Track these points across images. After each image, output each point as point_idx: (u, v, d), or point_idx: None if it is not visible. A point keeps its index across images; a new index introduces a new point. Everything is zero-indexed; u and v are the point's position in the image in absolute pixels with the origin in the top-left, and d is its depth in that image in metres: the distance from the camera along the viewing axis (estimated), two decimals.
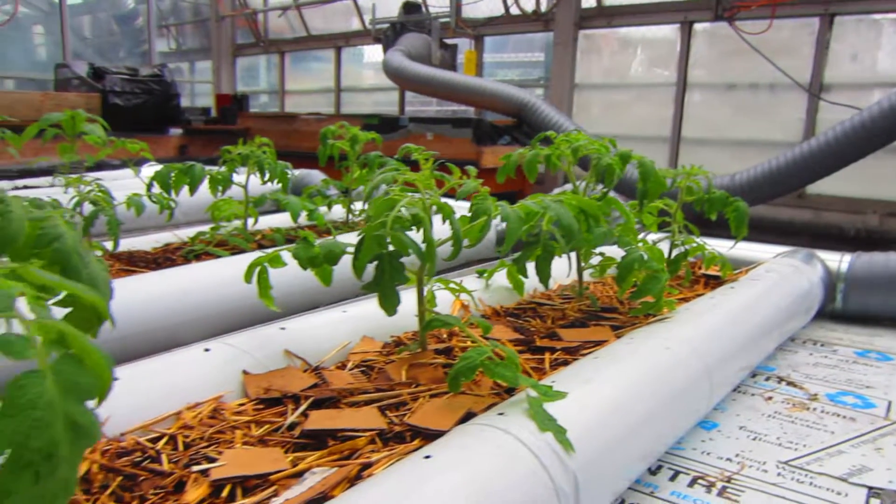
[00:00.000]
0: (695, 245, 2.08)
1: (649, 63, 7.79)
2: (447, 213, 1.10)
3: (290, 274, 1.34)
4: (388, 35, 7.56)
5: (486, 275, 1.90)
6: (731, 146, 6.82)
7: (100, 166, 4.59)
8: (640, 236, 1.83)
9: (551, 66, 7.77)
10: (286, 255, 1.30)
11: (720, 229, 2.51)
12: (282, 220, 3.05)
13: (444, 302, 1.72)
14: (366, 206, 1.23)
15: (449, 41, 7.76)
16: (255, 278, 1.27)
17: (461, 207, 1.42)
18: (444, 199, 1.21)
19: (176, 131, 6.78)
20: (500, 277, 1.97)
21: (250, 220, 2.64)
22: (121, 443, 1.02)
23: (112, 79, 6.40)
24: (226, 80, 9.79)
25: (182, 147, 6.69)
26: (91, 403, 0.59)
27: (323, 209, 2.86)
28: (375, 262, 1.10)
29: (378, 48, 8.51)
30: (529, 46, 8.61)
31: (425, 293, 1.30)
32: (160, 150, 4.44)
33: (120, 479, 0.92)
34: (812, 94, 6.22)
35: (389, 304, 1.13)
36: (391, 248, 1.09)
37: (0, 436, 0.49)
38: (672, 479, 1.39)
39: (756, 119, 6.78)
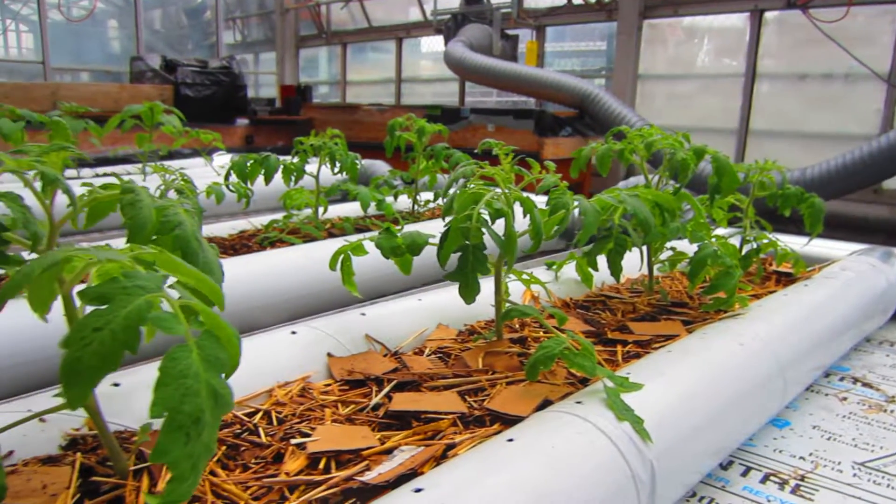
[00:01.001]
0: (766, 241, 2.05)
1: (716, 53, 7.58)
2: (529, 208, 1.13)
3: (361, 262, 1.40)
4: (449, 26, 7.59)
5: (555, 267, 1.92)
6: (802, 139, 6.59)
7: (171, 155, 4.77)
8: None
9: (614, 56, 7.65)
10: (368, 245, 1.35)
11: (790, 225, 2.46)
12: (349, 209, 3.13)
13: (515, 292, 1.75)
14: (442, 198, 1.27)
15: (510, 32, 7.74)
16: (339, 266, 1.33)
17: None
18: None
19: (242, 121, 6.99)
20: (568, 270, 1.99)
21: (320, 209, 2.73)
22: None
23: (183, 71, 6.65)
24: (289, 72, 10.02)
25: (248, 137, 6.90)
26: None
27: (390, 199, 2.92)
28: (459, 253, 1.14)
29: (437, 39, 8.56)
30: (590, 35, 8.49)
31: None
32: (227, 140, 4.61)
33: (224, 448, 1.00)
34: (891, 84, 5.95)
35: (470, 293, 1.17)
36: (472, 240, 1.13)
37: (159, 401, 0.56)
38: (744, 474, 1.39)
39: (829, 111, 6.53)
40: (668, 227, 1.52)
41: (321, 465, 0.96)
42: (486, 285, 1.45)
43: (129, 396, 1.09)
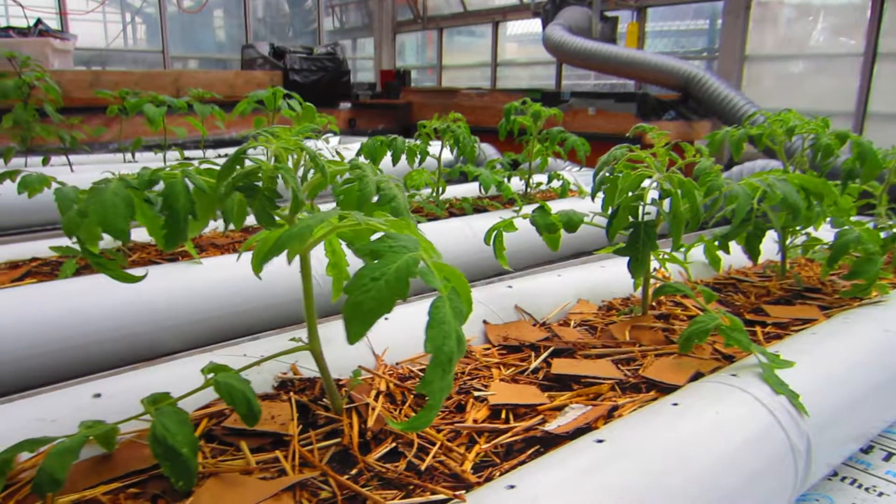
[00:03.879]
0: None
1: (831, 31, 7.17)
2: (689, 188, 1.19)
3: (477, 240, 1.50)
4: (547, 9, 7.54)
5: (683, 249, 1.95)
6: None
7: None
8: None
9: (716, 36, 7.38)
10: (518, 222, 1.45)
11: None
12: (464, 189, 3.25)
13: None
14: (594, 180, 1.34)
15: (609, 13, 7.60)
16: (493, 241, 1.43)
17: None
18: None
19: (345, 105, 7.25)
20: (695, 252, 2.01)
21: (440, 189, 2.85)
22: (398, 370, 1.23)
23: (292, 57, 6.95)
24: (386, 56, 10.25)
25: (351, 120, 7.15)
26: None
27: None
28: (630, 230, 1.21)
29: (525, 22, 8.52)
30: (691, 14, 8.20)
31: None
32: None
33: (412, 397, 1.12)
34: None
35: (640, 269, 1.24)
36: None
37: (429, 340, 0.67)
38: (886, 459, 1.40)
39: None
40: (813, 211, 1.52)
41: (502, 416, 1.07)
42: (614, 265, 1.52)
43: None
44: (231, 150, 5.15)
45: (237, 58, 9.58)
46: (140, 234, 2.08)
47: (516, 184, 3.29)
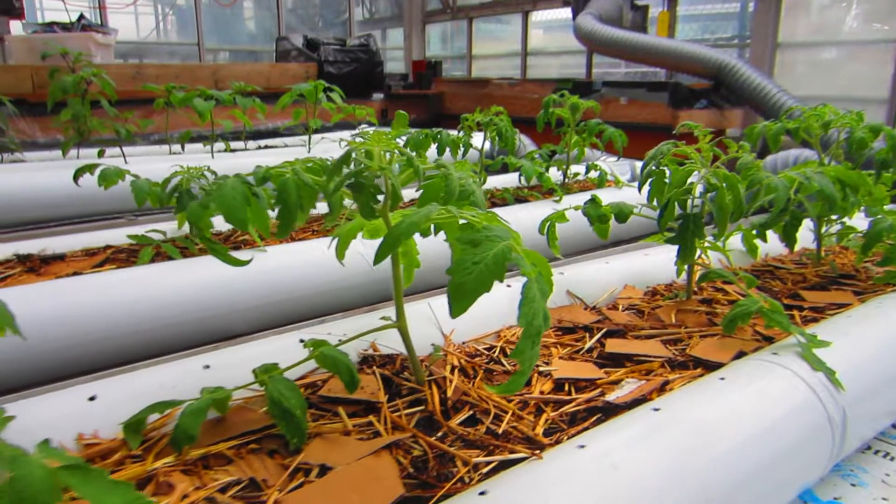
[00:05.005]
0: None
1: (865, 18, 7.09)
2: (733, 182, 1.29)
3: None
4: None
5: (723, 238, 2.04)
6: None
7: (315, 129, 5.14)
8: None
9: (752, 24, 7.34)
10: (571, 213, 1.56)
11: None
12: (503, 180, 3.36)
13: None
14: (641, 173, 1.44)
15: (639, 2, 7.61)
16: (546, 231, 1.55)
17: None
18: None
19: (378, 96, 7.37)
20: (732, 241, 2.11)
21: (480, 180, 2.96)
22: (465, 348, 1.36)
23: (326, 49, 7.09)
24: (416, 47, 10.35)
25: (383, 111, 7.27)
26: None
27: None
28: (678, 221, 1.32)
29: (552, 11, 8.54)
30: None
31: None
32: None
33: (482, 372, 1.25)
34: None
35: (687, 257, 1.35)
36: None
37: (522, 316, 0.79)
38: None
39: None
40: (848, 201, 1.61)
41: (565, 388, 1.19)
42: (657, 253, 1.63)
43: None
44: (269, 141, 5.31)
45: (268, 49, 9.75)
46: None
47: (554, 174, 3.38)
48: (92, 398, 1.09)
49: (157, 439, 1.05)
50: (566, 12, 7.79)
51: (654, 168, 1.50)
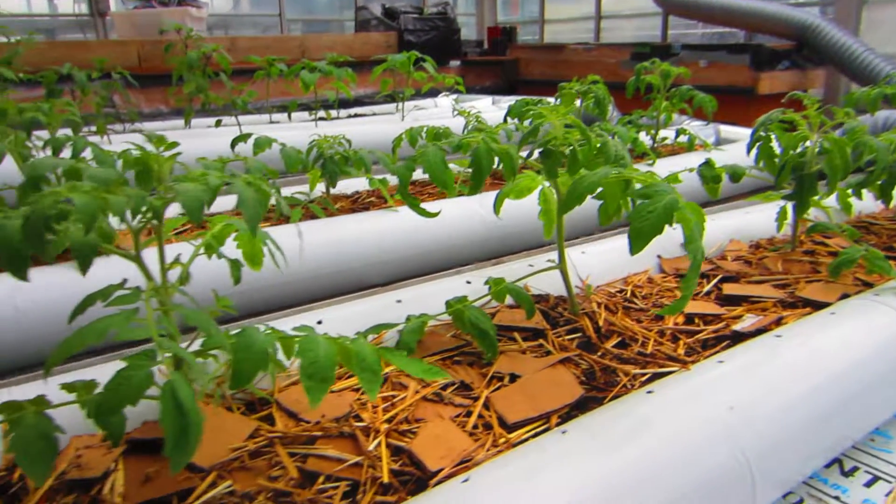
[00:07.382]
0: None
1: None
2: (842, 146, 1.48)
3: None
4: None
5: (818, 197, 2.21)
6: None
7: (393, 98, 5.37)
8: None
9: None
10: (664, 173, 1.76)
11: None
12: None
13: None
14: (751, 137, 1.63)
15: None
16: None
17: None
18: None
19: (454, 63, 7.55)
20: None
21: None
22: (602, 290, 1.61)
23: (405, 18, 7.29)
24: (488, 12, 10.41)
25: (460, 77, 7.45)
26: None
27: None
28: (794, 181, 1.53)
29: None
30: None
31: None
32: (442, 81, 5.15)
33: (621, 308, 1.50)
34: None
35: (802, 210, 1.55)
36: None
37: (691, 252, 1.03)
38: None
39: None
40: None
41: (695, 322, 1.43)
42: (757, 211, 1.82)
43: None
44: (358, 109, 5.63)
45: (344, 18, 10.00)
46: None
47: (643, 139, 3.55)
48: (319, 322, 1.40)
49: None
50: None
51: (762, 133, 1.69)
